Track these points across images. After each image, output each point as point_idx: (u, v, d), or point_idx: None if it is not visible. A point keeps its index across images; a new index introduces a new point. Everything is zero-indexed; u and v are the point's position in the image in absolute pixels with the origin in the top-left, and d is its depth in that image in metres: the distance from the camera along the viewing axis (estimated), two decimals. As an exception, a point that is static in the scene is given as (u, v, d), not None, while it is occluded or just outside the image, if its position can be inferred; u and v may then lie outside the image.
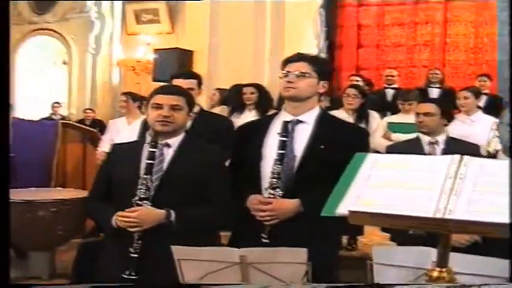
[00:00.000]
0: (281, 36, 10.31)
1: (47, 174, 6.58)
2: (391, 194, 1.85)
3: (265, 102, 6.43)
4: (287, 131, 2.96)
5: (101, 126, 9.33)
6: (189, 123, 3.77)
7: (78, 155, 7.00)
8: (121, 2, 12.71)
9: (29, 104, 13.39)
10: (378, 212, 1.80)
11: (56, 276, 5.40)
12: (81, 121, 10.73)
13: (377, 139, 5.79)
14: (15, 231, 5.11)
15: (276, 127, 3.03)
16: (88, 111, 11.57)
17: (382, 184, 1.90)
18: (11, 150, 6.39)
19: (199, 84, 4.05)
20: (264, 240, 2.85)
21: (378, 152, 5.21)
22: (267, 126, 3.10)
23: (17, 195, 5.19)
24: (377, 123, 6.08)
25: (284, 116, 3.08)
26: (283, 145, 2.92)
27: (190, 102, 3.15)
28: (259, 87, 6.53)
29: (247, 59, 9.54)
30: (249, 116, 6.10)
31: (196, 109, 4.08)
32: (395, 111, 6.73)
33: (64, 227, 5.08)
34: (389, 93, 8.30)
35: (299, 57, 3.09)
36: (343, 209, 1.85)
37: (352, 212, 1.82)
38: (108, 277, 2.89)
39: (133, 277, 2.81)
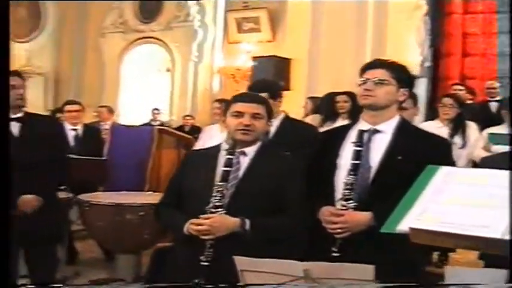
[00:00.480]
0: (383, 44, 10.12)
1: (142, 179, 6.73)
2: (459, 211, 1.71)
3: (358, 111, 6.27)
4: (362, 140, 2.84)
5: (199, 133, 9.44)
6: (271, 131, 3.73)
7: (172, 161, 7.09)
8: (224, 11, 12.86)
9: (133, 110, 13.83)
10: (442, 231, 1.66)
11: (141, 280, 5.48)
12: (180, 127, 10.94)
13: (476, 151, 5.52)
14: (104, 233, 5.28)
15: (353, 136, 2.91)
16: (187, 117, 11.79)
17: (452, 200, 1.76)
18: (108, 154, 6.59)
19: (275, 96, 3.94)
20: (334, 254, 2.74)
21: (476, 165, 4.98)
22: (344, 135, 2.98)
23: (108, 198, 5.34)
24: (475, 134, 5.79)
25: (361, 125, 2.96)
26: (357, 155, 2.81)
27: (270, 111, 3.08)
28: (352, 96, 6.39)
29: (347, 67, 9.39)
30: (342, 125, 5.99)
31: (280, 116, 4.02)
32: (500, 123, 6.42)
33: (151, 231, 5.16)
34: (494, 106, 7.91)
35: (377, 64, 2.96)
36: (405, 225, 1.72)
37: (412, 230, 1.69)
38: (179, 283, 2.86)
39: (204, 285, 2.77)
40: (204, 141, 6.46)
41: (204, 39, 13.25)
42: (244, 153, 2.99)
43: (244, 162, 2.99)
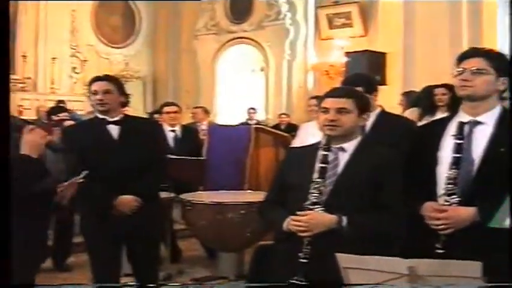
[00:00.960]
0: (478, 35, 9.79)
1: (241, 178, 6.80)
2: None
3: (458, 103, 6.10)
4: (462, 132, 2.75)
5: (295, 131, 9.45)
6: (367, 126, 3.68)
7: (270, 159, 7.14)
8: (314, 7, 12.84)
9: (229, 110, 14.02)
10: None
11: (243, 278, 5.54)
12: (276, 126, 10.99)
13: None
14: (207, 231, 5.38)
15: (453, 129, 2.84)
16: (283, 116, 11.83)
17: None
18: (206, 154, 6.70)
19: (371, 90, 3.88)
20: (439, 251, 2.68)
21: None
22: (443, 128, 2.91)
23: (209, 197, 5.44)
24: None
25: (461, 117, 2.88)
26: (458, 148, 2.73)
27: (362, 104, 3.01)
28: (451, 88, 6.22)
29: (442, 60, 9.15)
30: (441, 118, 5.84)
31: (376, 111, 3.97)
32: None
33: (252, 229, 5.22)
34: None
35: (474, 53, 2.86)
36: (513, 220, 1.68)
37: (522, 224, 1.65)
38: (278, 281, 2.88)
39: (302, 283, 2.78)
40: (302, 139, 6.46)
41: (296, 36, 13.28)
42: (343, 149, 2.96)
43: (343, 158, 2.96)
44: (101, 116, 3.87)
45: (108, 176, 3.74)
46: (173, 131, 6.40)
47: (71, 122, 6.03)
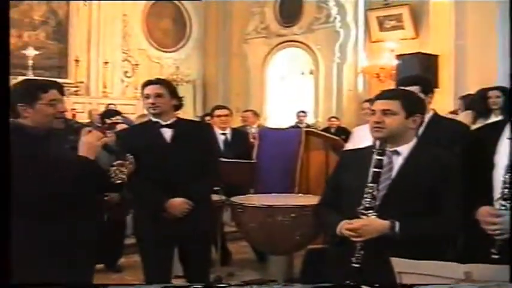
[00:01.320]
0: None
1: (291, 181, 6.78)
2: None
3: (512, 106, 5.99)
4: (519, 136, 2.71)
5: (345, 134, 9.42)
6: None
7: (321, 162, 7.09)
8: (364, 10, 12.77)
9: (278, 113, 14.04)
10: None
11: (292, 281, 5.53)
12: (326, 129, 10.96)
13: None
14: (257, 234, 5.39)
15: (508, 132, 2.78)
16: (333, 119, 11.80)
17: None
18: (256, 157, 6.70)
19: (426, 91, 3.83)
20: (494, 256, 2.63)
21: None
22: (499, 132, 2.86)
23: (260, 200, 5.44)
24: None
25: None
26: (515, 152, 2.68)
27: (410, 106, 2.94)
28: (505, 90, 6.11)
29: (494, 61, 8.99)
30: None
31: (429, 114, 3.91)
32: None
33: (302, 233, 5.19)
34: None
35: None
36: None
37: None
38: (330, 285, 2.87)
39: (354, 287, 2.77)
40: (355, 142, 6.41)
41: (346, 39, 13.22)
42: (397, 153, 2.91)
43: (398, 162, 2.91)
44: (154, 119, 3.91)
45: (161, 179, 3.77)
46: (224, 134, 6.43)
47: (124, 126, 6.14)
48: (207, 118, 7.85)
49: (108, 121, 6.75)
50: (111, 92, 14.35)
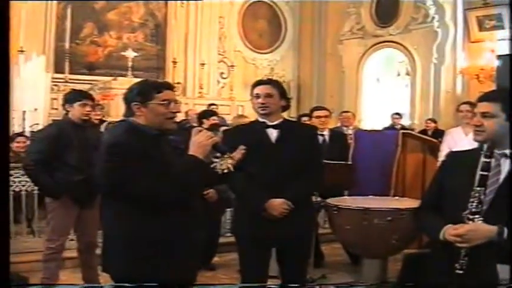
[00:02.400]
0: None
1: (386, 183, 6.69)
2: None
3: None
4: None
5: (442, 137, 9.20)
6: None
7: (417, 165, 6.97)
8: (463, 9, 12.43)
9: (373, 114, 13.86)
10: None
11: (386, 285, 5.44)
12: (423, 131, 10.76)
13: None
14: (352, 237, 5.33)
15: None
16: (429, 121, 11.54)
17: None
18: (352, 158, 6.63)
19: None
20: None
21: None
22: None
23: (355, 202, 5.39)
24: None
25: None
26: None
27: (509, 108, 2.79)
28: None
29: None
30: None
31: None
32: None
33: (398, 237, 5.11)
34: None
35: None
36: None
37: None
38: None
39: (457, 294, 2.68)
40: (448, 145, 6.28)
41: (444, 39, 12.90)
42: (505, 155, 2.78)
43: (506, 165, 2.78)
44: (261, 120, 3.92)
45: (264, 179, 3.76)
46: (322, 135, 6.37)
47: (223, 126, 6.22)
48: (304, 119, 7.81)
49: (205, 121, 6.85)
50: (207, 92, 14.57)
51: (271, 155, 3.82)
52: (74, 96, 5.05)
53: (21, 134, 8.55)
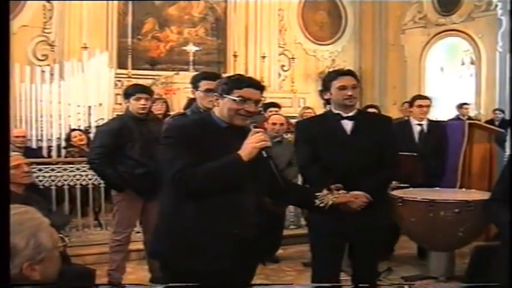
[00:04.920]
0: None
1: (453, 175, 6.57)
2: None
3: None
4: None
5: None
6: None
7: (484, 156, 6.85)
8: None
9: (438, 105, 13.59)
10: None
11: (453, 278, 5.35)
12: (489, 121, 10.55)
13: None
14: (417, 229, 5.26)
15: None
16: (497, 111, 11.28)
17: None
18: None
19: None
20: None
21: None
22: None
23: (421, 194, 5.31)
24: None
25: None
26: None
27: None
28: None
29: None
30: None
31: None
32: None
33: (465, 229, 5.01)
34: None
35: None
36: None
37: None
38: (501, 284, 2.72)
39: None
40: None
41: (508, 27, 12.53)
42: None
43: None
44: (335, 111, 3.85)
45: (339, 171, 3.69)
46: (420, 125, 6.21)
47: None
48: (405, 106, 7.63)
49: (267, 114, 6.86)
50: (268, 85, 14.55)
51: (347, 146, 3.75)
52: (130, 91, 5.14)
53: (75, 129, 8.77)
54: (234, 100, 2.92)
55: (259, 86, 3.02)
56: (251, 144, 2.87)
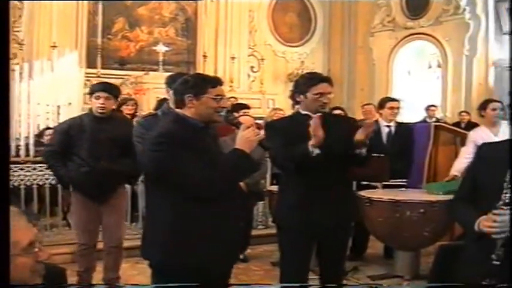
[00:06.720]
0: None
1: (419, 176, 6.67)
2: None
3: None
4: None
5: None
6: None
7: (450, 158, 6.93)
8: (494, 1, 12.30)
9: (405, 107, 13.73)
10: None
11: (419, 278, 5.44)
12: (456, 124, 10.66)
13: None
14: (384, 229, 5.35)
15: None
16: (463, 114, 11.45)
17: None
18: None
19: None
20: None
21: None
22: None
23: (387, 194, 5.40)
24: None
25: None
26: None
27: None
28: None
29: None
30: None
31: None
32: None
33: (430, 229, 5.13)
34: None
35: None
36: None
37: None
38: (466, 282, 2.80)
39: (493, 285, 2.67)
40: (476, 141, 6.20)
41: (475, 31, 12.79)
42: None
43: None
44: (303, 112, 3.90)
45: (310, 171, 3.75)
46: (388, 126, 6.28)
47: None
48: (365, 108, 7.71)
49: (236, 115, 6.84)
50: (237, 86, 14.61)
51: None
52: (91, 89, 5.05)
53: (49, 128, 8.66)
54: (214, 99, 3.00)
55: (223, 83, 3.17)
56: (249, 138, 2.95)
